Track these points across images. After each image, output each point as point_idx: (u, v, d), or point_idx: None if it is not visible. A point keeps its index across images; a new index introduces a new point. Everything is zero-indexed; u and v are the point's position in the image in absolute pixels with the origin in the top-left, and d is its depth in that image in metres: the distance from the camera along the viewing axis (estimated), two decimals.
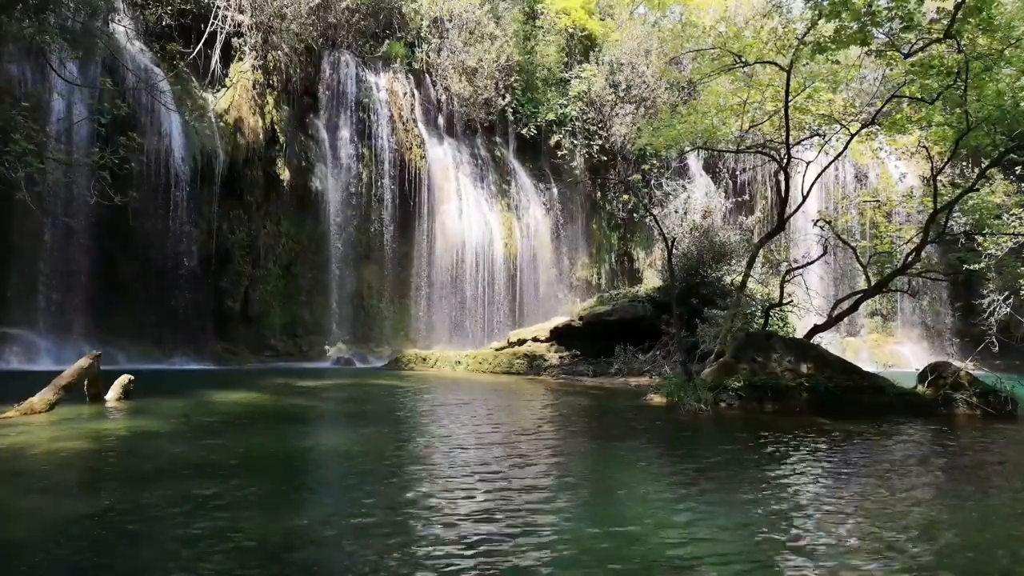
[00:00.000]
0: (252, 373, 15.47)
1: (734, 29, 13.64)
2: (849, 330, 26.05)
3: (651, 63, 26.15)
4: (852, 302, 13.29)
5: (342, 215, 21.71)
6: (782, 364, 10.15)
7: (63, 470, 5.35)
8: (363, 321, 22.05)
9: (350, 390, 12.40)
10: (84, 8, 13.70)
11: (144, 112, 17.33)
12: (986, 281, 20.63)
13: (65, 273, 16.59)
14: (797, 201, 14.24)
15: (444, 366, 17.65)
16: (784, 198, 13.53)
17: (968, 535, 4.10)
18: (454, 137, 24.84)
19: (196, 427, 7.50)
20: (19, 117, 11.91)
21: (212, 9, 19.56)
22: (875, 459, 6.41)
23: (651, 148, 23.95)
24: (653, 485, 5.17)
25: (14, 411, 7.45)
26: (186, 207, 18.09)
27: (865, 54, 12.58)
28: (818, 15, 10.48)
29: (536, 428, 8.18)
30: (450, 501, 4.53)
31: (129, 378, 9.18)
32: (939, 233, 13.18)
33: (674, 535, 3.92)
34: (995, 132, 11.01)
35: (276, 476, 5.36)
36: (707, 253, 17.72)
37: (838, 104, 14.34)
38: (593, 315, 17.96)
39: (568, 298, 25.90)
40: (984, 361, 20.61)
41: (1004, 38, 10.44)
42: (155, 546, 3.57)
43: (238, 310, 19.69)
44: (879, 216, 24.20)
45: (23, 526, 3.89)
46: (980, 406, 9.54)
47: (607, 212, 27.83)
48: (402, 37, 24.23)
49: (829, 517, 4.37)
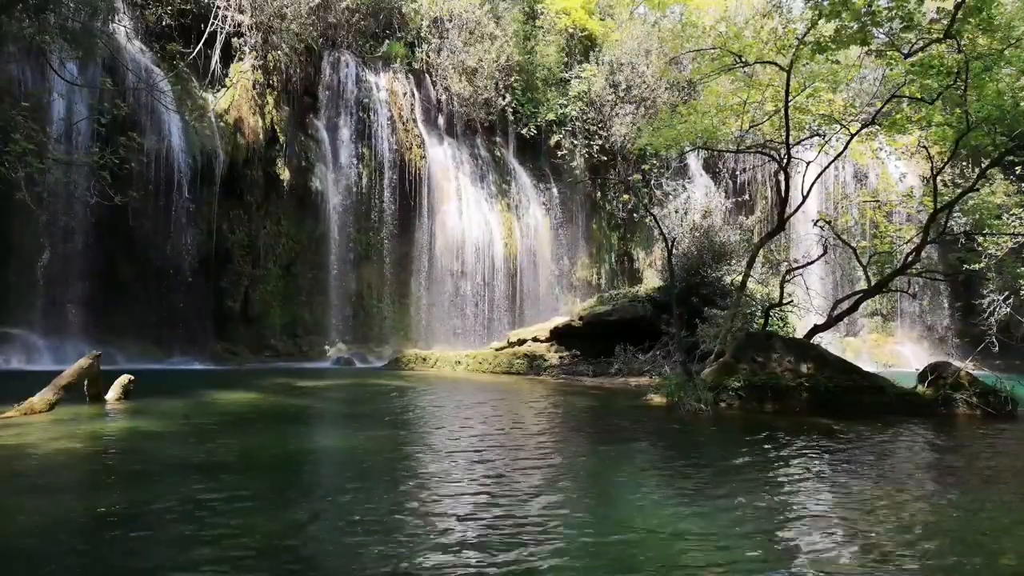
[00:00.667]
0: (252, 373, 15.46)
1: (734, 29, 13.64)
2: (849, 330, 26.03)
3: (651, 63, 26.14)
4: (852, 302, 13.28)
5: (342, 215, 21.71)
6: (782, 364, 10.15)
7: (63, 470, 5.35)
8: (363, 321, 22.04)
9: (350, 390, 12.40)
10: (84, 8, 13.68)
11: (144, 112, 17.32)
12: (986, 281, 20.62)
13: (65, 273, 16.57)
14: (797, 201, 14.24)
15: (444, 366, 17.65)
16: (784, 198, 13.52)
17: (968, 536, 4.10)
18: (454, 137, 24.84)
19: (196, 427, 7.50)
20: (19, 117, 11.91)
21: (212, 9, 19.55)
22: (875, 459, 6.41)
23: (651, 148, 23.88)
24: (653, 485, 5.17)
25: (14, 411, 7.45)
26: (186, 207, 18.09)
27: (865, 54, 12.58)
28: (818, 15, 10.47)
29: (536, 428, 8.18)
30: (450, 501, 4.53)
31: (129, 378, 9.18)
32: (939, 233, 13.18)
33: (674, 536, 3.91)
34: (995, 132, 11.00)
35: (276, 476, 5.36)
36: (707, 253, 17.72)
37: (838, 104, 14.32)
38: (593, 315, 17.96)
39: (568, 298, 25.89)
40: (984, 361, 20.58)
41: (1004, 38, 10.44)
42: (155, 546, 3.57)
43: (238, 310, 19.68)
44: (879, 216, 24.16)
45: (23, 526, 3.89)
46: (980, 406, 9.53)
47: (607, 212, 27.82)
48: (402, 37, 24.22)
49: (829, 518, 4.37)
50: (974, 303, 21.68)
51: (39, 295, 16.17)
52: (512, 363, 16.94)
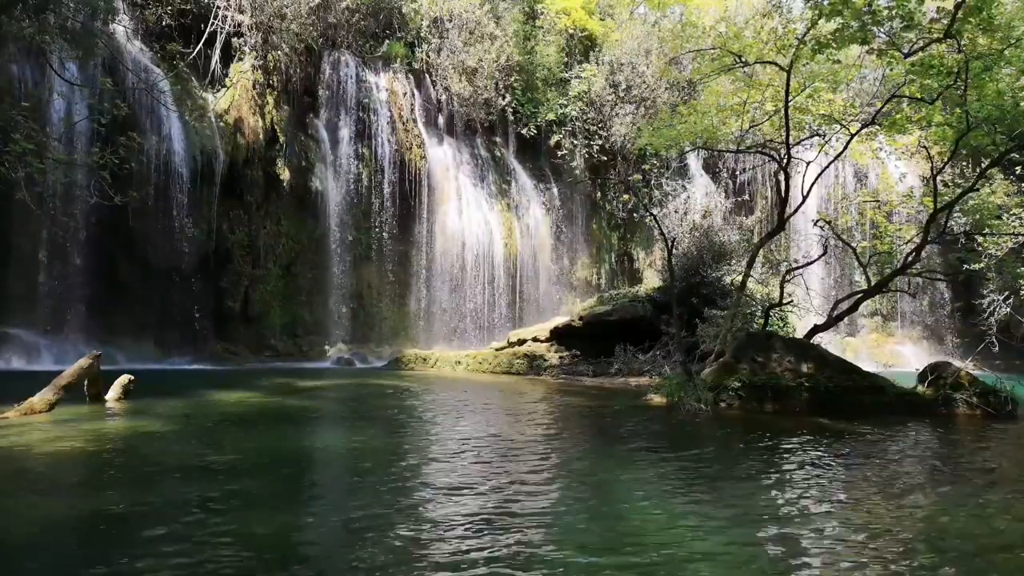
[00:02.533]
0: (252, 373, 15.46)
1: (734, 29, 13.64)
2: (849, 330, 26.01)
3: (651, 63, 26.13)
4: (852, 302, 13.28)
5: (342, 215, 21.69)
6: (782, 364, 10.15)
7: (63, 470, 5.35)
8: (363, 321, 22.04)
9: (350, 390, 12.40)
10: (84, 8, 13.68)
11: (144, 112, 17.31)
12: (986, 281, 20.63)
13: (65, 273, 16.58)
14: (797, 201, 14.24)
15: (444, 366, 17.65)
16: (784, 198, 13.52)
17: (969, 536, 4.10)
18: (454, 137, 24.83)
19: (196, 427, 7.50)
20: (19, 117, 11.90)
21: (212, 9, 19.55)
22: (875, 459, 6.41)
23: (651, 148, 23.89)
24: (653, 486, 5.17)
25: (14, 411, 7.45)
26: (186, 207, 18.08)
27: (866, 53, 12.57)
28: (818, 15, 10.47)
29: (535, 428, 8.18)
30: (450, 502, 4.53)
31: (129, 378, 9.18)
32: (939, 233, 13.18)
33: (674, 536, 3.91)
34: (995, 132, 11.00)
35: (276, 477, 5.36)
36: (707, 253, 17.71)
37: (838, 104, 14.32)
38: (593, 315, 17.96)
39: (568, 298, 25.88)
40: (984, 361, 20.57)
41: (1004, 38, 10.44)
42: (155, 547, 3.57)
43: (238, 310, 19.68)
44: (879, 216, 24.16)
45: (23, 526, 3.89)
46: (980, 406, 9.53)
47: (607, 212, 27.80)
48: (402, 37, 24.22)
49: (829, 519, 4.37)
50: (974, 303, 21.68)
51: (39, 295, 16.17)
52: (512, 363, 16.94)
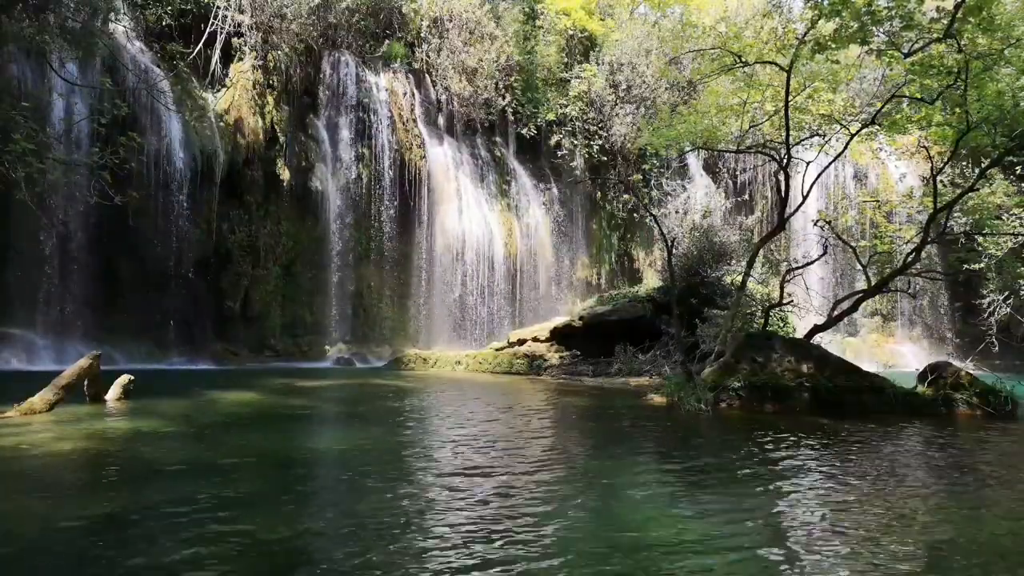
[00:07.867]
0: (252, 373, 15.46)
1: (734, 29, 13.63)
2: (849, 330, 26.02)
3: (651, 63, 26.14)
4: (852, 302, 13.28)
5: (342, 215, 21.70)
6: (782, 364, 10.15)
7: (63, 470, 5.35)
8: (363, 321, 22.04)
9: (350, 391, 12.40)
10: (84, 8, 13.69)
11: (144, 112, 17.32)
12: (986, 281, 20.63)
13: (65, 273, 16.58)
14: (797, 201, 14.23)
15: (444, 366, 17.65)
16: (784, 198, 13.52)
17: (969, 536, 4.10)
18: (454, 137, 24.83)
19: (196, 427, 7.49)
20: (19, 117, 11.91)
21: (212, 9, 19.55)
22: (875, 459, 6.41)
23: (651, 148, 23.99)
24: (653, 486, 5.17)
25: (14, 411, 7.45)
26: (186, 207, 18.08)
27: (865, 53, 12.57)
28: (818, 15, 10.47)
29: (535, 428, 8.18)
30: (451, 502, 4.53)
31: (129, 378, 9.18)
32: (939, 233, 13.18)
33: (674, 536, 3.91)
34: (995, 132, 11.00)
35: (276, 477, 5.36)
36: (707, 253, 17.71)
37: (838, 104, 14.32)
38: (593, 315, 17.96)
39: (568, 298, 25.89)
40: (984, 361, 20.60)
41: (1004, 38, 10.42)
42: (155, 547, 3.57)
43: (238, 310, 19.68)
44: (879, 216, 24.18)
45: (23, 527, 3.89)
46: (980, 406, 9.54)
47: (607, 212, 27.81)
48: (402, 37, 24.22)
49: (829, 520, 4.36)
50: (974, 303, 21.68)
51: (39, 295, 16.17)
52: (512, 363, 16.95)
